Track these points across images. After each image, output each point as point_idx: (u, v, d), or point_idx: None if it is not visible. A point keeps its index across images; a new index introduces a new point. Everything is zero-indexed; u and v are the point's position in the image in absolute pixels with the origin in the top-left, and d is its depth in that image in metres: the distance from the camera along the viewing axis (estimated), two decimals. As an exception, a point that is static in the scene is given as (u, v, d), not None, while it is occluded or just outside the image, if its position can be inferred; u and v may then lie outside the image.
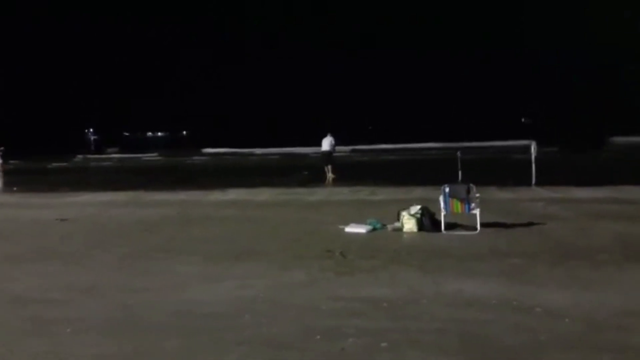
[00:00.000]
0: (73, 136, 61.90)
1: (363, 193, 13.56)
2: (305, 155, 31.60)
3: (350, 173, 19.26)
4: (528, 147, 15.16)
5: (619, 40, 53.47)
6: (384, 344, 3.92)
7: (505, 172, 17.32)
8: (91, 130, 77.25)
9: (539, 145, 15.06)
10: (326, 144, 18.52)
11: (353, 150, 35.22)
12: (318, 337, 4.08)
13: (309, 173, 20.18)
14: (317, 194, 13.82)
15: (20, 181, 20.28)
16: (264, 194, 13.93)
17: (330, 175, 17.96)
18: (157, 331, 4.30)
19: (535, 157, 14.57)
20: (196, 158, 37.86)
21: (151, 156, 41.63)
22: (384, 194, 13.27)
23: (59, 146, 49.67)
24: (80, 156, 43.56)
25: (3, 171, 22.07)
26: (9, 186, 19.22)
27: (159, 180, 20.04)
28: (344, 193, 13.81)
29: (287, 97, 66.44)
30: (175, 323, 4.47)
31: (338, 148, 20.20)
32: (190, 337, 4.13)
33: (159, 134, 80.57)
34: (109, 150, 54.14)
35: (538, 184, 14.09)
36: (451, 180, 9.81)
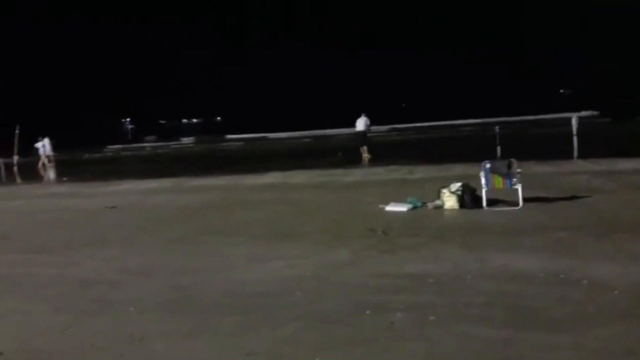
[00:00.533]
0: (106, 127, 63.22)
1: (400, 172, 13.58)
2: (335, 136, 31.68)
3: (386, 152, 19.26)
4: (568, 120, 14.84)
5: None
6: (432, 318, 4.03)
7: (545, 146, 17.00)
8: (128, 119, 79.13)
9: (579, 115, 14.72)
10: (361, 124, 18.51)
11: (392, 129, 34.92)
12: (367, 312, 4.22)
13: (343, 154, 20.27)
14: (354, 175, 13.91)
15: (65, 172, 21.08)
16: (300, 177, 14.11)
17: (365, 156, 18.00)
18: (213, 309, 4.52)
19: (577, 130, 14.25)
20: (229, 144, 38.37)
21: (186, 143, 42.40)
22: (421, 172, 13.26)
23: (90, 137, 50.99)
24: (111, 147, 44.65)
25: (52, 162, 22.94)
26: (59, 177, 19.99)
27: (196, 166, 20.49)
28: (381, 173, 13.85)
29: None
30: (229, 302, 4.68)
31: (374, 128, 20.17)
32: (245, 315, 4.34)
33: (194, 120, 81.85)
34: (147, 138, 55.42)
35: (580, 156, 13.80)
36: (490, 156, 9.75)
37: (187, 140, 45.70)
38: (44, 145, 22.36)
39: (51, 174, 20.67)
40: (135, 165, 25.08)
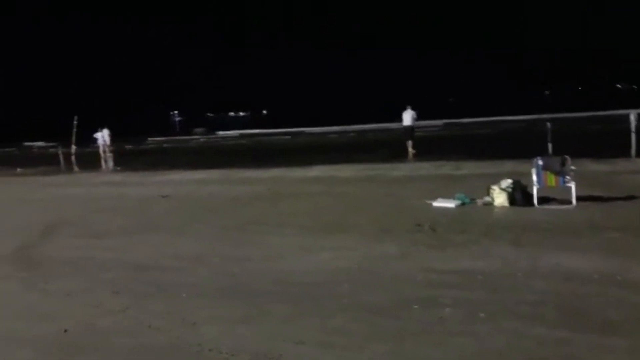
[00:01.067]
0: (153, 118, 64.76)
1: (447, 168, 13.40)
2: (378, 131, 31.51)
3: (431, 147, 19.01)
4: (627, 117, 14.20)
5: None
6: (482, 315, 4.00)
7: (601, 143, 16.35)
8: (176, 112, 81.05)
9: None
10: (408, 118, 18.27)
11: (447, 125, 34.15)
12: (415, 306, 4.23)
13: (389, 149, 20.14)
14: (401, 170, 13.83)
15: (117, 162, 21.88)
16: (347, 170, 14.14)
17: (411, 151, 17.81)
18: (263, 297, 4.64)
19: (636, 126, 13.62)
20: (276, 137, 38.74)
21: (234, 136, 43.06)
22: (469, 168, 13.04)
23: (139, 128, 52.27)
24: (151, 139, 45.68)
25: (112, 152, 23.79)
26: (114, 166, 20.77)
27: (245, 159, 20.84)
28: (427, 168, 13.71)
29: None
30: (279, 290, 4.79)
31: (428, 123, 19.83)
32: (294, 304, 4.43)
33: (241, 113, 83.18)
34: (196, 130, 56.65)
35: (639, 155, 13.22)
36: (540, 152, 9.48)
37: (232, 134, 46.39)
38: (102, 136, 23.20)
39: (110, 163, 21.51)
40: (185, 156, 25.71)
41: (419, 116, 19.17)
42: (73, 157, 21.13)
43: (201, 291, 4.90)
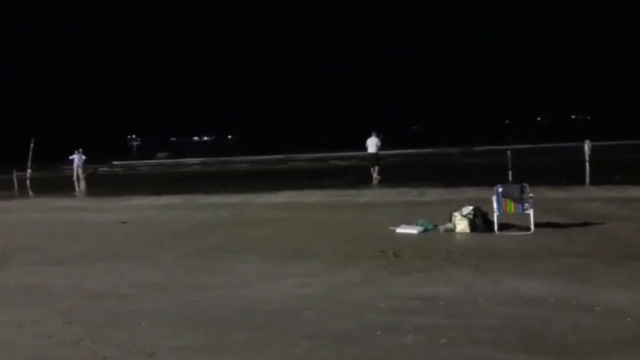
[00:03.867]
0: (111, 143, 63.24)
1: (411, 194, 13.60)
2: (343, 158, 31.84)
3: (395, 174, 19.27)
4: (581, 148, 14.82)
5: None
6: (443, 340, 4.03)
7: (557, 172, 16.94)
8: (133, 136, 79.66)
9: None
10: (372, 145, 18.57)
11: (400, 154, 34.48)
12: (379, 332, 4.23)
13: (353, 174, 20.33)
14: (366, 196, 13.95)
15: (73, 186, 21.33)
16: (313, 196, 14.17)
17: (375, 177, 18.03)
18: (226, 325, 4.55)
19: (589, 156, 14.21)
20: (240, 163, 38.55)
21: (195, 161, 42.60)
22: (432, 195, 13.27)
23: (95, 153, 50.90)
24: (118, 162, 44.79)
25: (84, 175, 23.38)
26: (71, 191, 20.20)
27: (209, 184, 20.63)
28: (392, 194, 13.87)
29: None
30: (242, 318, 4.71)
31: (391, 152, 20.15)
32: (258, 332, 4.36)
33: (205, 138, 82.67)
34: (159, 155, 55.83)
35: (593, 183, 13.74)
36: (500, 180, 9.75)
37: (195, 159, 45.88)
38: (78, 158, 23.23)
39: (83, 185, 21.26)
40: (147, 181, 25.28)
41: (383, 143, 19.50)
42: (28, 182, 20.49)
43: (161, 320, 4.77)
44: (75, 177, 22.78)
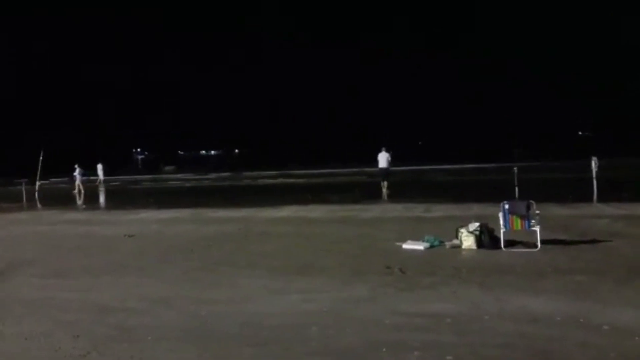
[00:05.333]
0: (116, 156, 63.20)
1: (418, 210, 13.57)
2: (352, 173, 31.87)
3: (403, 190, 19.26)
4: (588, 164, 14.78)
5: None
6: (449, 357, 4.00)
7: (565, 189, 16.87)
8: (138, 150, 79.95)
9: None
10: (383, 160, 18.66)
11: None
12: (384, 349, 4.21)
13: (361, 190, 20.33)
14: (372, 211, 13.92)
15: (88, 200, 21.46)
16: (317, 211, 14.17)
17: (385, 191, 18.06)
18: (231, 340, 4.55)
19: (596, 173, 14.16)
20: (247, 179, 38.62)
21: (202, 176, 42.68)
22: (438, 211, 13.24)
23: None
24: (121, 177, 44.88)
25: (82, 190, 23.98)
26: (78, 204, 20.37)
27: (215, 198, 20.69)
28: (399, 210, 13.85)
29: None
30: (246, 333, 4.71)
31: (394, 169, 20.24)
32: (262, 347, 4.36)
33: (212, 152, 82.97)
34: (167, 168, 56.04)
35: (600, 200, 13.67)
36: (507, 197, 9.73)
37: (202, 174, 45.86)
38: (81, 173, 24.19)
39: (81, 200, 21.67)
40: (154, 195, 25.39)
41: (393, 158, 19.58)
42: (36, 194, 20.67)
43: (167, 334, 4.77)
44: (76, 191, 23.51)
